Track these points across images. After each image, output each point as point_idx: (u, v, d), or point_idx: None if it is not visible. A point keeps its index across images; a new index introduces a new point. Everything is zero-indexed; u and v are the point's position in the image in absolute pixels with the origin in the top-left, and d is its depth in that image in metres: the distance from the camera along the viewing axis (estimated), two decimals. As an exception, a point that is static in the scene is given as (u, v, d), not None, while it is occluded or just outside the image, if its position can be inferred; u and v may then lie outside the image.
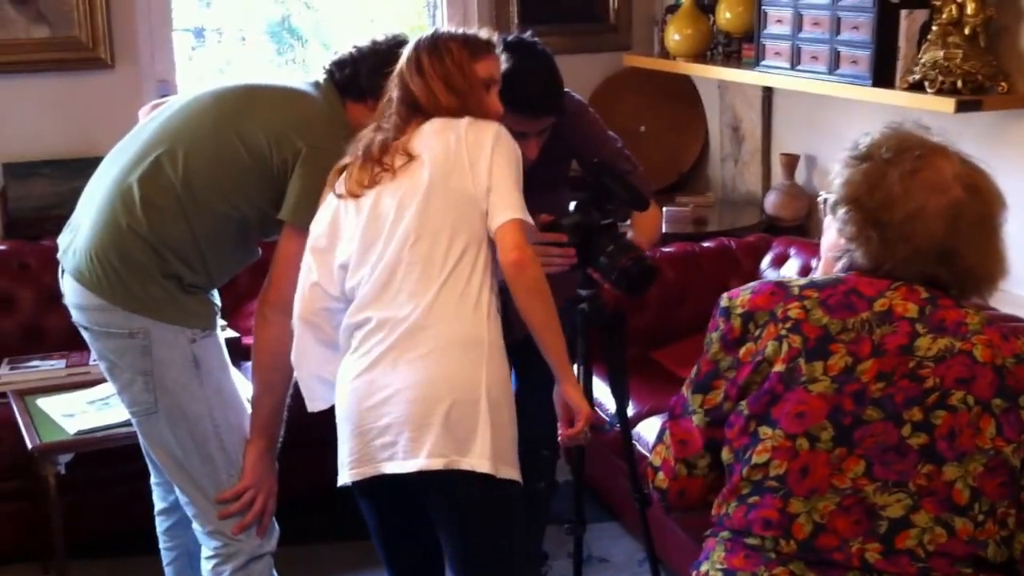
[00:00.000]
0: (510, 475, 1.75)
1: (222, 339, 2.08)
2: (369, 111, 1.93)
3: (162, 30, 3.45)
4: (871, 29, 2.83)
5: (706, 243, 3.32)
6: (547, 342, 1.77)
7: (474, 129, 1.81)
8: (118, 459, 2.52)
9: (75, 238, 2.00)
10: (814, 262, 1.89)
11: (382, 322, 1.76)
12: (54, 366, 2.88)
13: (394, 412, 1.74)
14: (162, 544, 2.27)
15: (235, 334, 2.82)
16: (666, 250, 3.24)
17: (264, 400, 2.01)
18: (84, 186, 2.07)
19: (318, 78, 2.07)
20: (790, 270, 3.10)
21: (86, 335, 2.03)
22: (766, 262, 3.21)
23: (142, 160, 1.96)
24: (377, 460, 1.76)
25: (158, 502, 2.25)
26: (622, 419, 2.15)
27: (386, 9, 4.12)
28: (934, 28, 2.73)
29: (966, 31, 2.68)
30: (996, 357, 1.33)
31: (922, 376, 1.32)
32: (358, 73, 2.01)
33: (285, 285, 1.94)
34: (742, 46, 3.53)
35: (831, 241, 1.48)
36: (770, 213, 3.58)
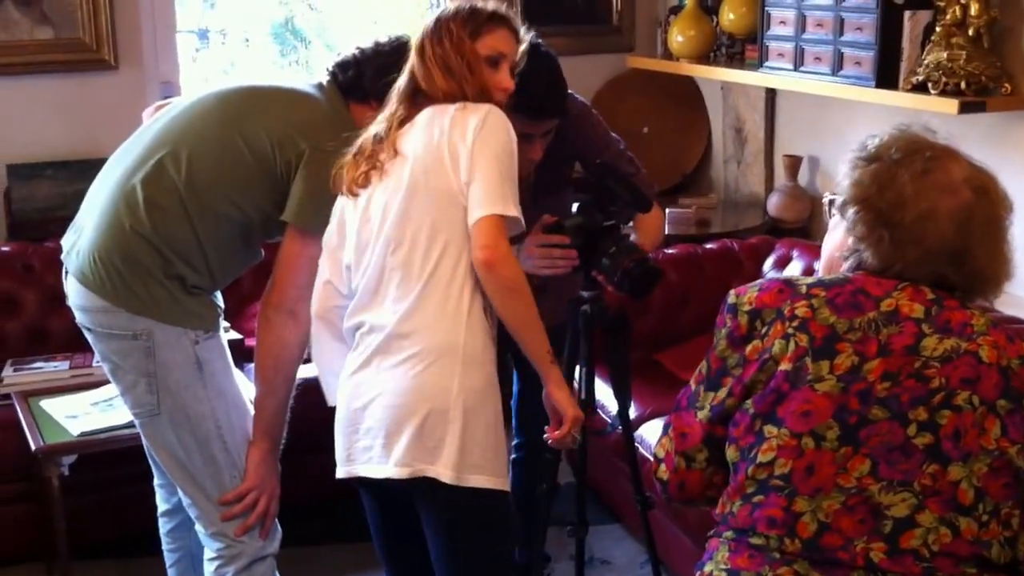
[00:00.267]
0: (482, 484, 1.71)
1: (225, 341, 2.08)
2: (372, 112, 1.92)
3: (166, 31, 3.45)
4: (875, 30, 2.83)
5: (709, 245, 3.31)
6: (525, 341, 1.73)
7: (461, 117, 1.73)
8: (121, 461, 2.53)
9: (79, 240, 2.00)
10: (816, 264, 1.89)
11: (372, 326, 1.78)
12: (58, 368, 2.88)
13: (374, 416, 1.75)
14: (165, 546, 2.27)
15: (238, 336, 2.82)
16: (669, 252, 3.24)
17: (267, 402, 2.01)
18: (88, 187, 2.07)
19: (321, 80, 2.07)
20: (793, 272, 3.09)
21: (89, 337, 2.03)
22: (769, 264, 3.20)
23: (145, 162, 1.96)
24: (357, 461, 1.79)
25: (161, 504, 2.25)
26: (624, 421, 2.14)
27: (389, 11, 4.12)
28: (938, 29, 2.72)
29: (970, 32, 2.67)
30: (1002, 358, 1.33)
31: (928, 376, 1.32)
32: (361, 75, 2.01)
33: (288, 287, 1.94)
34: (745, 47, 3.53)
35: (838, 241, 1.48)
36: (773, 215, 3.57)
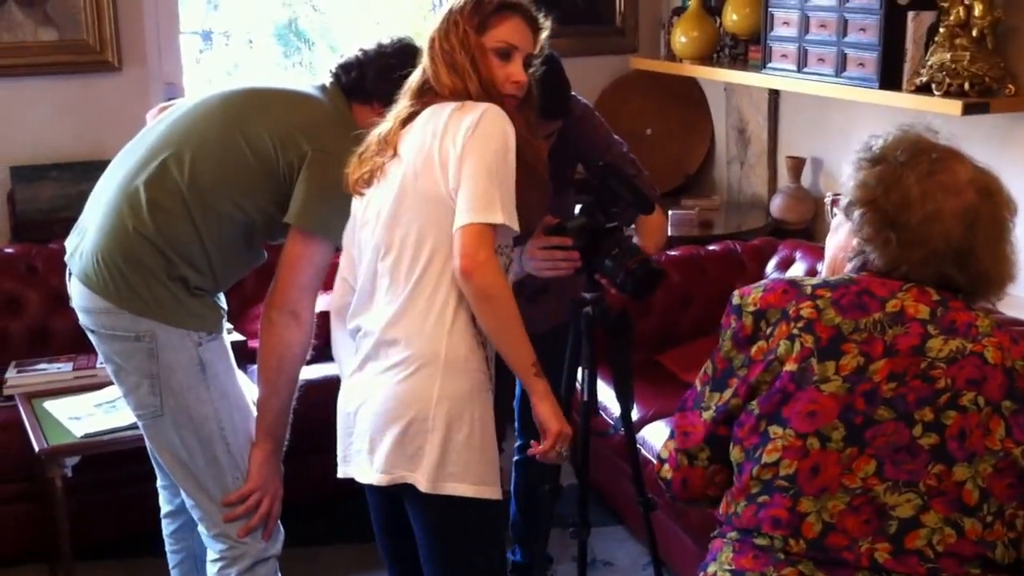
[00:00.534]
0: (460, 492, 1.70)
1: (228, 342, 2.08)
2: (375, 114, 1.93)
3: (169, 33, 3.46)
4: (878, 31, 2.82)
5: (712, 246, 3.31)
6: (504, 352, 1.71)
7: (455, 119, 1.69)
8: (125, 462, 2.53)
9: (82, 241, 2.01)
10: (819, 266, 1.89)
11: (366, 331, 1.79)
12: (61, 369, 2.88)
13: (363, 421, 1.77)
14: (168, 547, 2.27)
15: (241, 337, 2.82)
16: (671, 253, 3.24)
17: (270, 403, 2.01)
18: (91, 189, 2.07)
19: (324, 82, 2.07)
20: (796, 273, 3.08)
21: (92, 338, 2.03)
22: (772, 265, 3.20)
23: (148, 163, 1.96)
24: (350, 463, 1.81)
25: (164, 505, 2.26)
26: (626, 423, 2.14)
27: (392, 12, 4.12)
28: (941, 30, 2.72)
29: (973, 33, 2.67)
30: (1006, 360, 1.33)
31: (934, 377, 1.32)
32: (364, 76, 2.01)
33: (290, 288, 1.94)
34: (748, 48, 3.53)
35: (842, 242, 1.48)
36: (776, 216, 3.57)
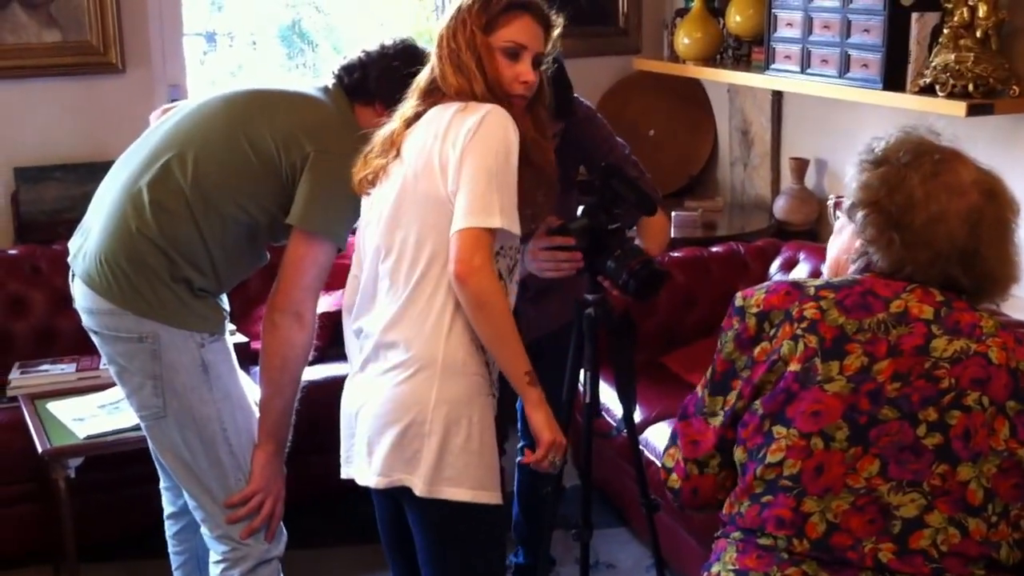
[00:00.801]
0: (457, 497, 1.70)
1: (231, 344, 2.09)
2: (377, 114, 1.93)
3: (173, 34, 3.46)
4: (882, 32, 2.81)
5: (715, 247, 3.30)
6: (498, 358, 1.71)
7: (457, 120, 1.68)
8: (128, 463, 2.53)
9: (85, 242, 2.01)
10: (823, 267, 1.87)
11: (367, 332, 1.79)
12: (65, 370, 2.89)
13: (363, 423, 1.77)
14: (171, 548, 2.27)
15: (244, 338, 2.83)
16: (675, 254, 3.23)
17: (272, 404, 2.01)
18: (95, 190, 2.08)
19: (327, 83, 2.07)
20: (799, 275, 3.08)
21: (96, 339, 2.03)
22: (775, 267, 3.19)
23: (152, 164, 1.97)
24: (351, 464, 1.82)
25: (167, 506, 2.26)
26: (630, 424, 2.14)
27: (396, 12, 4.13)
28: (945, 31, 2.71)
29: (978, 34, 2.66)
30: (1011, 360, 1.33)
31: (938, 376, 1.32)
32: (366, 77, 2.01)
33: (293, 289, 1.94)
34: (752, 49, 3.52)
35: (845, 243, 1.47)
36: (779, 217, 3.56)
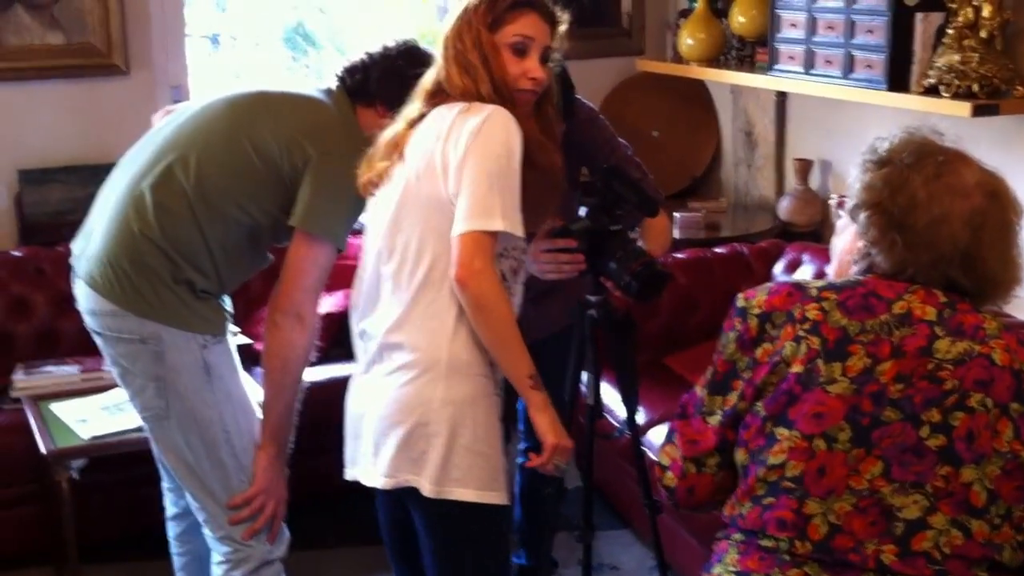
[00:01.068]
0: (465, 497, 1.70)
1: (233, 345, 2.09)
2: (378, 116, 1.93)
3: (176, 36, 3.46)
4: (886, 33, 2.81)
5: (719, 248, 3.30)
6: (500, 361, 1.71)
7: (460, 121, 1.68)
8: (131, 464, 2.53)
9: (88, 244, 2.01)
10: (827, 268, 1.87)
11: (370, 334, 1.79)
12: (68, 371, 2.89)
13: (369, 425, 1.77)
14: (173, 549, 2.28)
15: (247, 340, 2.82)
16: (678, 255, 3.23)
17: (275, 405, 2.01)
18: (99, 192, 2.08)
19: (330, 85, 2.07)
20: (803, 276, 3.08)
21: (99, 340, 2.03)
22: (779, 268, 3.19)
23: (154, 166, 1.97)
24: (357, 465, 1.82)
25: (169, 507, 2.26)
26: (632, 425, 2.13)
27: (399, 14, 4.13)
28: (950, 31, 2.70)
29: (982, 34, 2.65)
30: (1014, 362, 1.33)
31: (941, 378, 1.31)
32: (368, 79, 2.01)
33: (294, 290, 1.94)
34: (756, 50, 3.52)
35: (848, 244, 1.47)
36: (783, 218, 3.55)
